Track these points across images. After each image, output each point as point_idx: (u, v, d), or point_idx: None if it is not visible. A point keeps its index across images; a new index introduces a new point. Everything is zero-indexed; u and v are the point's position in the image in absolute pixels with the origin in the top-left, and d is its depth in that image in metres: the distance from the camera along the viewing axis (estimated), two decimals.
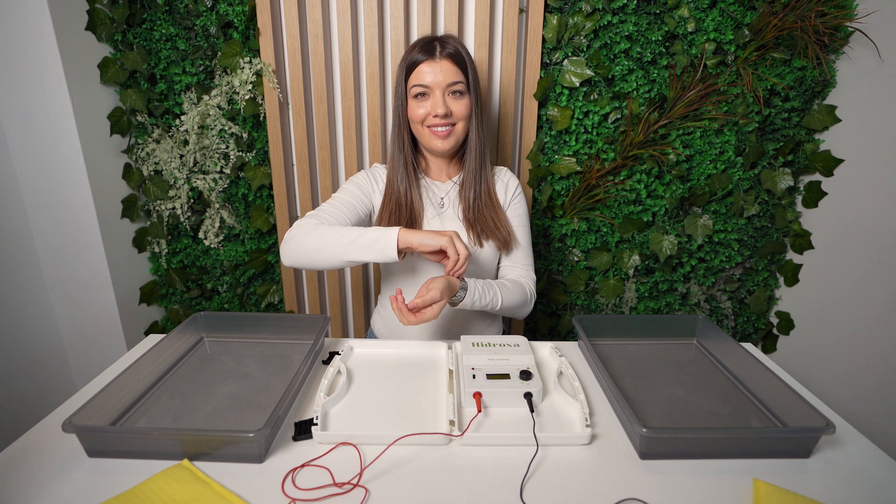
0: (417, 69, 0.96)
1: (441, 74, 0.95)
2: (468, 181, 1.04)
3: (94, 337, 1.48)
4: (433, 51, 0.96)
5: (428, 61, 0.95)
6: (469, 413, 0.74)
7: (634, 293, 1.54)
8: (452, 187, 1.08)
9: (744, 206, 1.45)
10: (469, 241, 1.03)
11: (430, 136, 0.99)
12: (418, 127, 1.00)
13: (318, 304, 1.57)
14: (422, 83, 0.96)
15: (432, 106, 0.96)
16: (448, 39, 0.98)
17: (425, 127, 0.99)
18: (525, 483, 0.62)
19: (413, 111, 0.99)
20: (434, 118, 0.97)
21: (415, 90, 0.97)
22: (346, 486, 0.61)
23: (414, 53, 0.97)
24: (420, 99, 0.97)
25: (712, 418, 0.75)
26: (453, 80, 0.96)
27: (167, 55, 1.36)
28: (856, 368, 1.31)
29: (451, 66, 0.96)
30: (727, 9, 1.29)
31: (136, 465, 0.64)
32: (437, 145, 1.00)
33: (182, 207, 1.46)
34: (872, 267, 1.27)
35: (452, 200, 1.08)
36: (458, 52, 0.97)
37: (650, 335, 0.98)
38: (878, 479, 0.64)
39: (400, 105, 1.00)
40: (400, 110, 1.01)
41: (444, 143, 0.99)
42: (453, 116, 0.98)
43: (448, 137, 0.99)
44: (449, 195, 1.08)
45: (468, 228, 1.04)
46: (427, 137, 1.00)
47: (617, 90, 1.35)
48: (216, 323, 0.97)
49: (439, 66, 0.95)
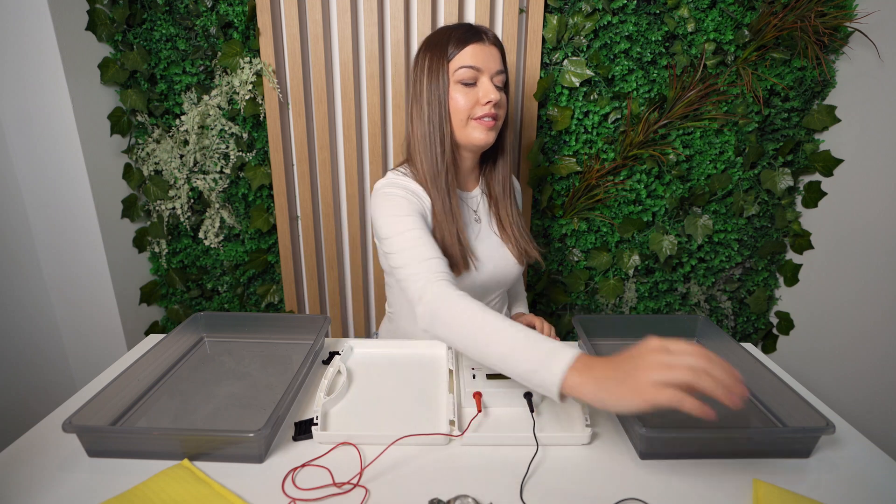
0: (465, 51, 0.85)
1: (491, 59, 0.86)
2: (502, 191, 0.95)
3: (94, 337, 1.48)
4: (479, 34, 0.86)
5: (478, 43, 0.85)
6: (469, 413, 0.74)
7: (634, 293, 1.54)
8: (481, 198, 0.99)
9: (744, 206, 1.45)
10: (512, 258, 0.97)
11: (474, 128, 0.87)
12: (461, 118, 0.87)
13: (318, 304, 1.57)
14: (473, 65, 0.84)
15: (483, 92, 0.85)
16: (486, 28, 0.89)
17: (470, 119, 0.87)
18: (525, 483, 0.62)
19: (456, 101, 0.86)
20: (483, 106, 0.85)
21: (462, 73, 0.85)
22: (346, 486, 0.61)
23: (456, 36, 0.86)
24: (466, 87, 0.86)
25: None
26: (500, 68, 0.87)
27: (167, 55, 1.36)
28: (856, 368, 1.31)
29: (498, 54, 0.88)
30: (727, 9, 1.29)
31: (136, 465, 0.64)
32: (480, 138, 0.87)
33: (182, 207, 1.46)
34: (872, 267, 1.27)
35: (484, 214, 0.98)
36: (501, 45, 0.89)
37: (650, 335, 0.98)
38: (878, 479, 0.64)
39: (443, 96, 0.86)
40: (442, 99, 0.86)
41: (488, 134, 0.88)
42: (500, 107, 0.88)
43: (492, 129, 0.88)
44: (480, 208, 0.98)
45: (510, 246, 0.95)
46: (470, 129, 0.88)
47: (617, 90, 1.35)
48: (216, 323, 0.97)
49: (489, 51, 0.86)
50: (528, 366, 0.61)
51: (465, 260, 0.90)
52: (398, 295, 1.03)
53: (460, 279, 0.91)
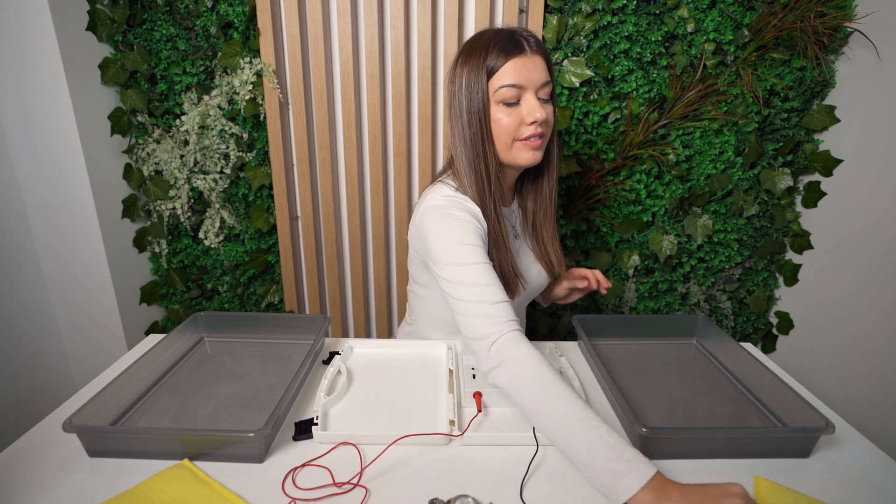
0: (506, 67, 0.77)
1: (535, 72, 0.78)
2: (546, 206, 0.90)
3: (94, 337, 1.48)
4: (521, 44, 0.78)
5: (520, 56, 0.77)
6: (469, 413, 0.74)
7: (634, 293, 1.54)
8: (518, 212, 0.95)
9: (743, 206, 1.45)
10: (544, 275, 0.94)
11: (520, 149, 0.81)
12: (506, 140, 0.81)
13: (318, 304, 1.57)
14: (516, 83, 0.77)
15: (528, 111, 0.78)
16: (525, 32, 0.80)
17: (515, 140, 0.81)
18: (525, 483, 0.62)
19: (499, 122, 0.79)
20: (529, 126, 0.79)
21: (503, 93, 0.78)
22: (346, 485, 0.61)
23: (496, 50, 0.78)
24: (509, 107, 0.79)
25: (712, 418, 0.75)
26: (545, 81, 0.80)
27: (167, 55, 1.36)
28: (855, 368, 1.32)
29: (542, 63, 0.80)
30: (727, 9, 1.29)
31: (136, 465, 0.64)
32: (527, 159, 0.81)
33: (182, 207, 1.47)
34: (872, 267, 1.27)
35: (520, 228, 0.94)
36: (544, 48, 0.80)
37: (650, 335, 0.98)
38: (877, 479, 0.64)
39: (482, 113, 0.80)
40: (482, 119, 0.80)
41: (535, 154, 0.81)
42: (547, 124, 0.81)
43: (539, 149, 0.82)
44: (517, 224, 0.94)
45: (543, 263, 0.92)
46: (516, 151, 0.81)
47: (617, 90, 1.35)
48: (216, 323, 0.97)
49: (532, 63, 0.78)
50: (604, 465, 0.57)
51: (517, 283, 0.87)
52: (421, 307, 0.99)
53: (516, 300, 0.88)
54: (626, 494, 0.55)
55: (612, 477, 0.56)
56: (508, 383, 0.67)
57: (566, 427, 0.61)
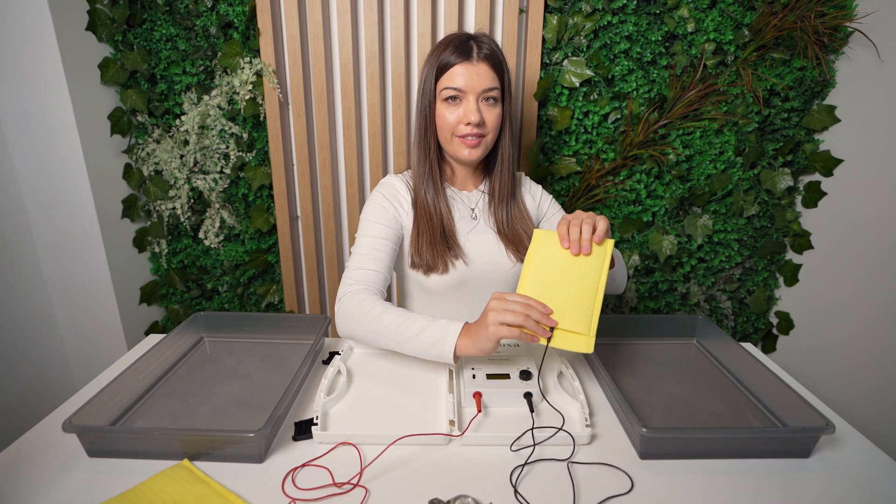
0: (451, 71, 0.87)
1: (477, 79, 0.86)
2: (499, 194, 0.98)
3: (94, 337, 1.48)
4: (470, 52, 0.87)
5: (464, 63, 0.86)
6: (469, 413, 0.74)
7: (634, 293, 1.54)
8: (481, 197, 1.01)
9: (743, 206, 1.45)
10: (508, 255, 0.97)
11: (458, 145, 0.91)
12: (446, 134, 0.91)
13: (318, 304, 1.57)
14: (455, 86, 0.87)
15: (464, 112, 0.88)
16: (484, 39, 0.89)
17: (454, 136, 0.91)
18: (524, 483, 0.62)
19: (442, 117, 0.90)
20: (465, 126, 0.88)
21: (446, 93, 0.88)
22: (346, 486, 0.61)
23: (447, 54, 0.87)
24: (451, 103, 0.89)
25: (712, 418, 0.75)
26: (489, 87, 0.87)
27: (167, 55, 1.36)
28: (855, 368, 1.32)
29: (488, 70, 0.87)
30: (727, 9, 1.29)
31: (136, 465, 0.64)
32: (464, 154, 0.91)
33: (182, 207, 1.46)
34: (872, 266, 1.27)
35: (483, 212, 1.00)
36: (495, 55, 0.88)
37: (650, 335, 0.98)
38: (877, 479, 0.64)
39: (427, 107, 0.91)
40: (427, 112, 0.92)
41: (472, 152, 0.91)
42: (485, 126, 0.90)
43: (477, 147, 0.91)
44: (479, 206, 1.01)
45: (506, 244, 0.98)
46: (455, 146, 0.91)
47: (617, 90, 1.35)
48: (216, 323, 0.97)
49: (476, 70, 0.86)
50: (429, 339, 0.75)
51: (453, 251, 0.95)
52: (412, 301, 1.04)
53: (451, 275, 0.94)
54: (451, 350, 0.73)
55: (438, 348, 0.74)
56: (346, 329, 0.84)
57: (393, 345, 0.79)
